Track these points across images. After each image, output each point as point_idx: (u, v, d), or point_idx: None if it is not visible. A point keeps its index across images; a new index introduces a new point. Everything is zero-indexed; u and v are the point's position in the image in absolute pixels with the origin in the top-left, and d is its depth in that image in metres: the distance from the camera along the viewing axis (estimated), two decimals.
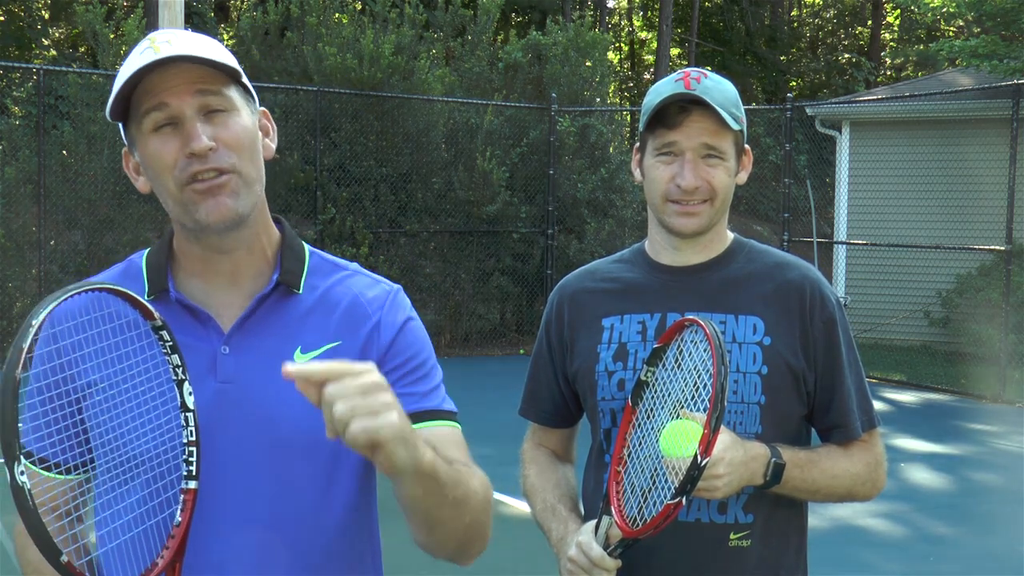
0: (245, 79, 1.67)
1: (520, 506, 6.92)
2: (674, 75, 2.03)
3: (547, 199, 14.60)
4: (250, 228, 1.67)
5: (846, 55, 32.63)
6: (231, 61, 1.63)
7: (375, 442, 1.35)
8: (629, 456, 1.95)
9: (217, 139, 1.59)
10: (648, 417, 1.94)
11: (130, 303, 1.55)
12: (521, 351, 14.19)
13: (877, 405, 2.56)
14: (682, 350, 1.91)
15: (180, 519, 1.56)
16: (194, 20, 19.66)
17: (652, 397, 1.95)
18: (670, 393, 1.91)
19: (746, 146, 2.10)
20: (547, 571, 2.24)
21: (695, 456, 1.73)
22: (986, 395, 11.58)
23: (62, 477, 1.67)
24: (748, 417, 2.02)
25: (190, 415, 1.57)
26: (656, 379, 1.96)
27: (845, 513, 6.83)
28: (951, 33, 26.91)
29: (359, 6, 17.04)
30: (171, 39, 1.59)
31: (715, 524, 2.01)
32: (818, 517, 6.70)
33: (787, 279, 2.08)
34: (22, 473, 1.31)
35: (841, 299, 2.46)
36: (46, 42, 20.92)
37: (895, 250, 14.18)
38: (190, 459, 1.57)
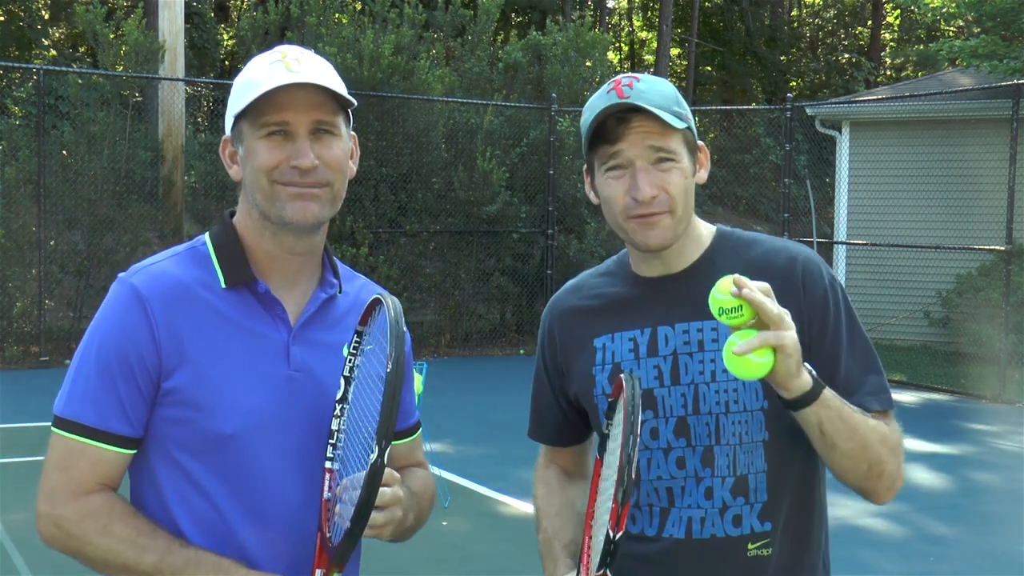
0: (351, 109, 1.87)
1: (519, 506, 6.91)
2: (605, 86, 1.93)
3: (547, 199, 14.59)
4: (320, 235, 1.88)
5: (846, 55, 32.62)
6: (346, 95, 1.83)
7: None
8: (598, 511, 1.88)
9: (320, 158, 1.80)
10: (609, 471, 1.87)
11: (367, 312, 1.82)
12: (521, 351, 14.19)
13: None
14: (621, 407, 1.84)
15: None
16: (194, 20, 19.63)
17: (610, 451, 1.89)
18: (614, 449, 1.84)
19: (699, 142, 1.99)
20: None
21: (607, 533, 1.67)
22: (986, 395, 11.58)
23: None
24: (753, 425, 1.93)
25: (344, 406, 1.82)
26: (612, 434, 1.90)
27: (845, 513, 6.82)
28: (951, 33, 26.91)
29: (359, 6, 17.01)
30: (300, 58, 1.81)
31: (730, 538, 1.94)
32: None
33: (776, 266, 1.97)
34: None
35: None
36: (46, 42, 20.91)
37: (895, 250, 14.19)
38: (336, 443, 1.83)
